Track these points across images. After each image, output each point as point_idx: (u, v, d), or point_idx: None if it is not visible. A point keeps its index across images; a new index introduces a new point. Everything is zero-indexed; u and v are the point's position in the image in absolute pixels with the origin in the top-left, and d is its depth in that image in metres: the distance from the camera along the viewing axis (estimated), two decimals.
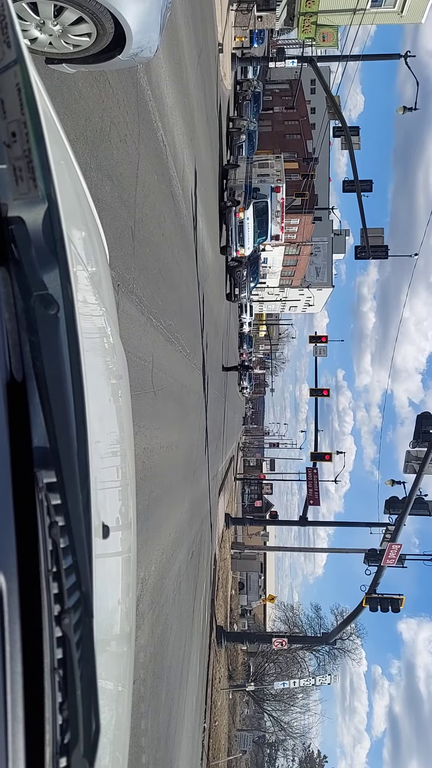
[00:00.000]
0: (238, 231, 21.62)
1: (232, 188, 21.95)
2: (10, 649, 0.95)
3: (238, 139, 28.49)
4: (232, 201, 21.58)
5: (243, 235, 21.74)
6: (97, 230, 2.05)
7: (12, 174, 1.11)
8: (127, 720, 1.89)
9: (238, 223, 21.47)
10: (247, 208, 21.31)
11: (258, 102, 33.50)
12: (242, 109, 31.21)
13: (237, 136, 28.32)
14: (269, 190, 24.47)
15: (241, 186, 21.64)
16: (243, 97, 31.59)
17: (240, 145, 28.82)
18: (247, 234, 21.82)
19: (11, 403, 1.06)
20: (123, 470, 1.95)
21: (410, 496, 17.71)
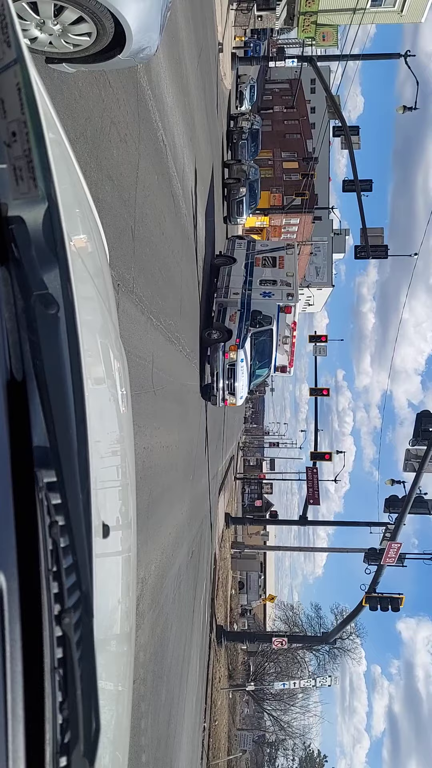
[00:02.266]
0: (227, 375, 15.26)
1: (221, 306, 16.20)
2: (10, 648, 0.95)
3: (237, 193, 24.65)
4: (220, 331, 15.26)
5: (234, 382, 15.33)
6: (98, 230, 2.05)
7: (12, 174, 1.11)
8: (127, 719, 1.89)
9: (227, 366, 15.20)
10: (241, 345, 15.15)
11: (257, 140, 28.26)
12: (237, 149, 26.80)
13: (235, 189, 24.40)
14: (276, 309, 16.45)
15: (236, 303, 15.99)
16: (238, 135, 26.89)
17: (239, 200, 24.95)
18: (240, 380, 15.39)
19: (11, 402, 1.06)
20: (123, 470, 1.95)
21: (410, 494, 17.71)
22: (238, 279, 16.78)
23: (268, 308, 16.36)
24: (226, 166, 24.70)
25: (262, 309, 16.24)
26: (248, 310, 15.95)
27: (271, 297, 16.58)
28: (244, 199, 25.03)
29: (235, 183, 24.62)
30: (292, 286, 17.01)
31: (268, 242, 20.11)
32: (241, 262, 17.42)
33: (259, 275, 17.01)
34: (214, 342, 15.32)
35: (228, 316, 15.86)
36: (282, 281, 17.04)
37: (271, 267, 17.56)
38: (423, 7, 31.41)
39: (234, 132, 27.08)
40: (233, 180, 24.78)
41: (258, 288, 16.64)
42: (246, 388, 16.39)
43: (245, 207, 25.24)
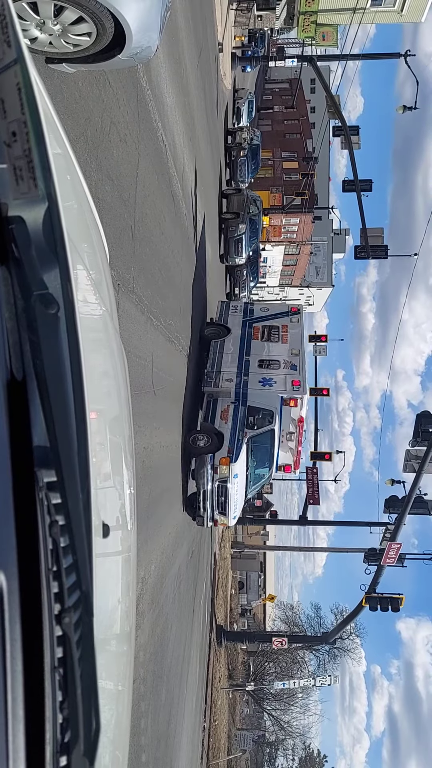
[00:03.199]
0: (216, 494, 11.97)
1: (211, 397, 13.26)
2: (10, 647, 0.95)
3: (235, 230, 21.60)
4: (208, 435, 12.19)
5: (226, 501, 12.01)
6: (97, 230, 2.05)
7: (12, 173, 1.11)
8: (127, 719, 1.89)
9: (216, 482, 11.90)
10: (235, 458, 11.87)
11: (257, 156, 25.92)
12: (236, 168, 24.67)
13: (233, 227, 21.45)
14: (278, 402, 13.20)
15: (228, 394, 13.09)
16: (237, 152, 24.65)
17: (238, 238, 21.76)
18: (231, 499, 12.06)
19: (11, 402, 1.06)
20: (123, 469, 1.95)
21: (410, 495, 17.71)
22: (231, 359, 13.92)
23: (268, 400, 13.03)
24: (224, 196, 22.21)
25: (262, 402, 13.00)
26: (244, 403, 12.93)
27: (272, 386, 13.34)
28: (244, 237, 21.72)
29: (233, 218, 21.62)
30: (298, 369, 13.83)
31: (268, 306, 16.39)
32: (236, 333, 14.69)
33: (258, 352, 14.13)
34: (200, 452, 11.89)
35: (219, 412, 12.84)
36: (286, 362, 13.95)
37: (272, 341, 14.57)
38: (423, 7, 31.42)
39: (232, 148, 24.82)
40: (231, 215, 21.76)
41: (257, 372, 13.67)
42: (242, 504, 13.04)
43: (245, 246, 22.08)
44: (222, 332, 14.67)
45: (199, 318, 14.53)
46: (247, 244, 22.20)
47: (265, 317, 15.37)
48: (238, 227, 21.59)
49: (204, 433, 12.25)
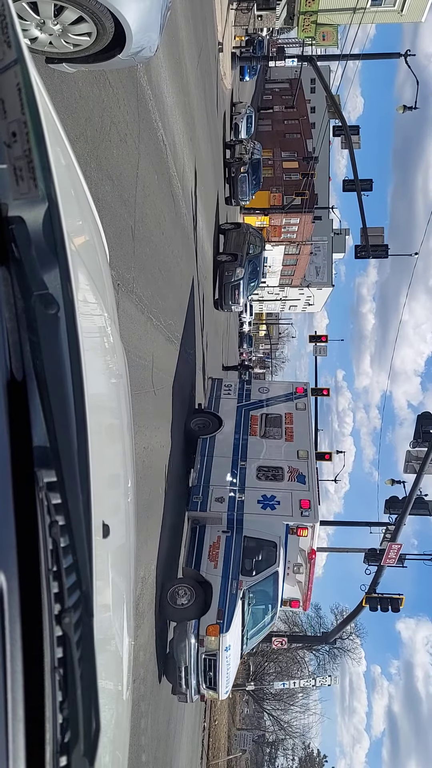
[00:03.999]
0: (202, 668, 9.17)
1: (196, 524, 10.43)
2: (10, 647, 0.95)
3: (232, 275, 18.57)
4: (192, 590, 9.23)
5: (215, 675, 9.18)
6: (98, 230, 2.05)
7: (12, 174, 1.11)
8: (127, 719, 1.89)
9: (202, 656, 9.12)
10: (227, 626, 9.04)
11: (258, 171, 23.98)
12: (237, 185, 22.81)
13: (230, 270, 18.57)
14: (283, 530, 10.37)
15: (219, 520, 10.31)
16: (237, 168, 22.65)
17: (235, 284, 18.67)
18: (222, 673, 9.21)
19: (11, 402, 1.06)
20: (123, 469, 1.95)
21: (410, 495, 17.70)
22: (223, 468, 11.05)
23: (270, 528, 10.10)
24: (222, 232, 19.93)
25: (262, 530, 10.09)
26: (239, 530, 10.03)
27: (275, 508, 10.38)
28: (242, 284, 18.85)
29: (230, 260, 18.75)
30: (308, 481, 11.02)
31: (267, 385, 13.74)
32: (229, 426, 12.00)
33: (256, 455, 11.44)
34: (180, 616, 9.06)
35: (206, 547, 9.96)
36: (291, 470, 11.14)
37: (273, 438, 11.86)
38: (423, 7, 31.42)
39: (232, 164, 22.79)
40: (228, 256, 18.85)
41: (255, 487, 10.77)
42: (235, 672, 10.25)
43: (242, 291, 19.07)
44: (212, 424, 11.91)
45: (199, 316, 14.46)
46: (245, 289, 19.20)
47: (265, 402, 12.83)
48: (236, 272, 18.58)
49: (186, 585, 9.28)
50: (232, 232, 19.86)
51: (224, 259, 18.81)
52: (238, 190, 23.05)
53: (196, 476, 10.98)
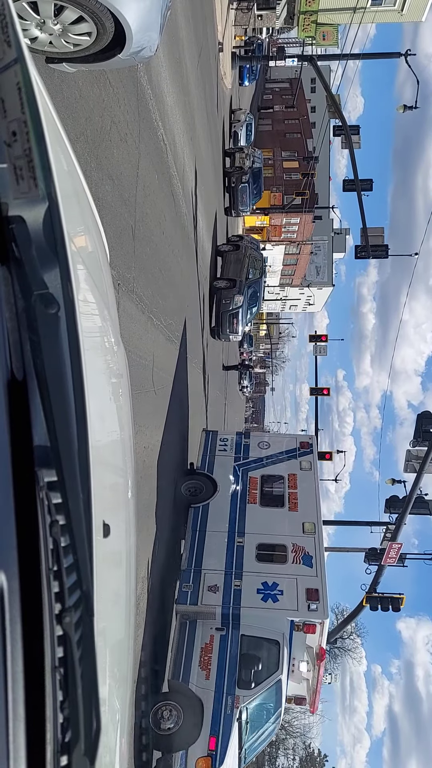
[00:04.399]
0: None
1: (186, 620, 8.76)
2: (11, 647, 0.95)
3: (230, 303, 16.99)
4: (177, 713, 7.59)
5: None
6: (98, 229, 2.04)
7: (13, 173, 1.11)
8: (127, 718, 1.89)
9: None
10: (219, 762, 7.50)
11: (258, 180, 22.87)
12: (236, 195, 21.86)
13: (228, 299, 16.89)
14: (287, 626, 8.69)
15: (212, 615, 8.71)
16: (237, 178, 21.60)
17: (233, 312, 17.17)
18: None
19: (12, 401, 1.06)
20: (123, 469, 1.95)
21: (411, 495, 17.70)
22: (217, 547, 9.54)
23: (272, 624, 8.58)
24: (220, 254, 18.63)
25: (262, 629, 8.58)
26: (236, 626, 8.56)
27: (277, 600, 8.80)
28: (240, 312, 17.37)
29: (228, 287, 17.16)
30: (315, 563, 9.43)
31: (268, 439, 11.94)
32: (224, 492, 10.49)
33: (256, 528, 9.88)
34: (165, 746, 7.54)
35: (197, 650, 8.41)
36: (297, 549, 9.56)
37: (275, 506, 10.38)
38: (423, 6, 31.41)
39: (232, 173, 21.74)
40: (226, 282, 17.30)
41: (254, 572, 9.15)
42: None
43: (242, 319, 17.65)
44: (206, 489, 10.47)
45: (200, 316, 14.40)
46: (243, 316, 17.67)
47: (265, 460, 11.24)
48: (234, 300, 17.02)
49: (171, 704, 7.68)
50: (231, 254, 18.55)
51: (222, 286, 17.28)
52: (238, 201, 22.00)
53: (186, 556, 9.43)
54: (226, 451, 11.54)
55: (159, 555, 8.73)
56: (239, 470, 11.01)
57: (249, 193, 21.86)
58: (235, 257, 18.38)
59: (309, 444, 11.55)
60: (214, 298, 17.13)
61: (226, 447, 11.66)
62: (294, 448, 11.48)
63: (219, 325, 17.48)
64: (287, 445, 11.64)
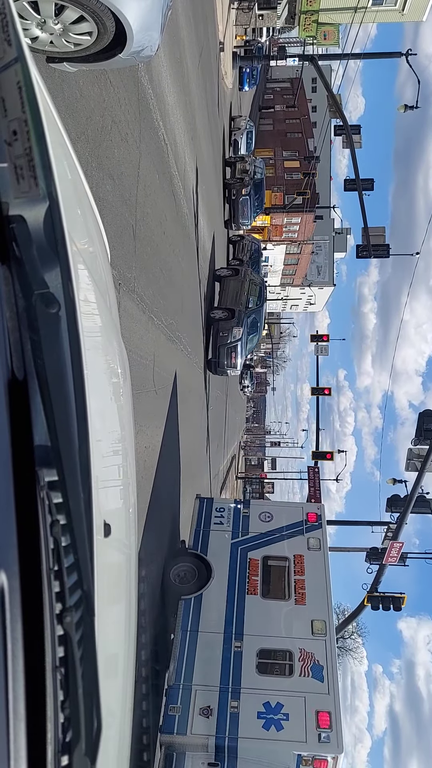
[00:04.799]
0: None
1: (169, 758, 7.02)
2: (12, 647, 0.95)
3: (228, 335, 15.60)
4: None
5: None
6: (99, 229, 2.04)
7: (13, 172, 1.11)
8: (129, 718, 1.89)
9: None
10: None
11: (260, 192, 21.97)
12: (237, 208, 20.89)
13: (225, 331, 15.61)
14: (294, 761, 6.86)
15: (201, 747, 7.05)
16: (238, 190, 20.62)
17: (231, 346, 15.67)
18: None
19: (13, 401, 1.06)
20: (124, 468, 1.95)
21: (412, 494, 17.69)
22: (211, 650, 7.96)
23: (274, 757, 7.22)
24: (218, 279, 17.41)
25: (263, 763, 7.22)
26: (233, 764, 7.15)
27: (281, 728, 7.33)
28: (239, 345, 15.89)
29: (226, 318, 15.84)
30: (326, 676, 7.95)
31: (270, 510, 10.37)
32: (221, 579, 8.92)
33: (256, 627, 8.35)
34: None
35: None
36: (304, 655, 8.05)
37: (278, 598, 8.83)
38: (424, 6, 31.39)
39: (232, 185, 20.71)
40: (224, 312, 15.95)
41: (254, 688, 7.63)
42: None
43: (241, 352, 16.04)
44: (198, 575, 8.96)
45: (200, 316, 14.37)
46: (243, 349, 16.22)
47: (267, 536, 9.64)
48: (232, 332, 15.61)
49: None
50: (230, 280, 17.17)
51: (219, 316, 15.82)
52: (239, 213, 20.98)
53: (174, 668, 7.69)
54: (223, 524, 9.87)
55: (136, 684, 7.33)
56: (238, 550, 9.37)
57: (250, 206, 20.96)
58: (235, 284, 17.13)
59: (317, 516, 10.00)
60: (210, 329, 15.87)
61: (223, 519, 9.97)
62: (300, 520, 9.88)
63: (216, 359, 16.07)
64: (292, 516, 10.04)
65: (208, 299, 15.33)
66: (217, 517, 10.00)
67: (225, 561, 9.18)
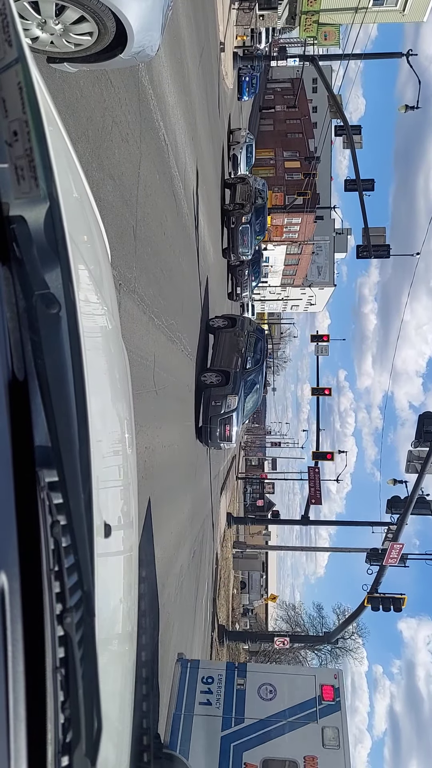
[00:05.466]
0: None
1: None
2: (12, 648, 0.95)
3: (222, 405, 13.37)
4: None
5: None
6: (99, 229, 2.05)
7: (14, 173, 1.11)
8: (129, 719, 1.89)
9: None
10: None
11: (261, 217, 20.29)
12: (236, 238, 19.18)
13: (219, 399, 13.39)
14: None
15: None
16: (237, 218, 18.98)
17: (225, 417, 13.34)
18: None
19: (13, 402, 1.06)
20: (125, 469, 1.95)
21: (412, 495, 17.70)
22: None
23: None
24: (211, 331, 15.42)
25: None
26: None
27: None
28: (234, 416, 13.71)
29: (219, 382, 13.67)
30: None
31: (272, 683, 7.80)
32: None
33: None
34: None
35: None
36: None
37: None
38: (425, 6, 31.41)
39: (232, 212, 19.02)
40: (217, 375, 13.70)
41: None
42: None
43: (236, 423, 13.88)
44: None
45: (201, 316, 14.36)
46: (238, 419, 14.02)
47: (269, 725, 7.33)
48: (226, 401, 13.31)
49: None
50: (225, 333, 14.97)
51: (211, 381, 13.71)
52: (238, 243, 19.17)
53: None
54: (211, 705, 7.51)
55: None
56: (230, 748, 7.09)
57: (251, 235, 19.22)
58: (230, 338, 15.03)
59: (334, 690, 7.58)
60: (202, 395, 13.81)
61: (211, 697, 7.60)
62: (312, 698, 7.52)
63: (208, 429, 13.74)
64: (302, 691, 7.63)
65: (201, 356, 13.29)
66: (203, 692, 7.65)
67: (214, 760, 6.97)
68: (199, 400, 13.82)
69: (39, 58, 3.36)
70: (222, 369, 14.11)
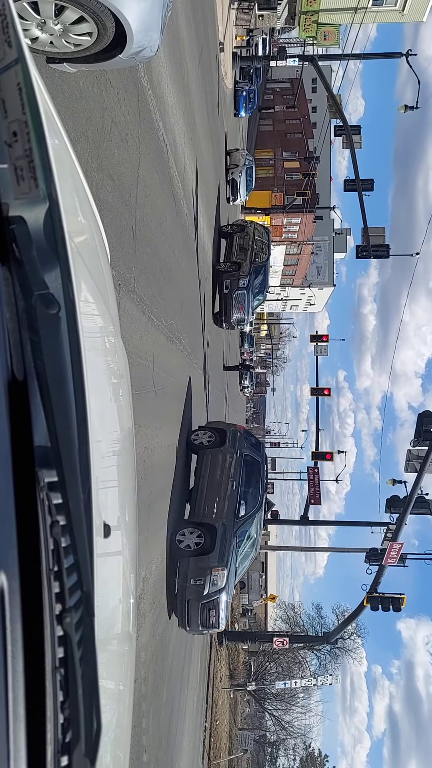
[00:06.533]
0: None
1: None
2: (11, 648, 0.95)
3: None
4: None
5: None
6: (98, 229, 2.05)
7: (13, 173, 1.11)
8: (128, 719, 1.89)
9: None
10: None
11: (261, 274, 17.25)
12: (230, 303, 16.30)
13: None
14: None
15: None
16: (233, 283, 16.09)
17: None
18: None
19: (12, 402, 1.06)
20: (124, 469, 1.95)
21: (411, 495, 17.70)
22: None
23: None
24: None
25: None
26: None
27: None
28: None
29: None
30: None
31: None
32: None
33: None
34: None
35: None
36: None
37: None
38: (424, 6, 31.42)
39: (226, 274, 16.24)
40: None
41: None
42: None
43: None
44: None
45: (200, 316, 14.32)
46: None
47: None
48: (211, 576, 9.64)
49: None
50: (210, 454, 11.43)
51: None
52: (233, 310, 16.34)
53: None
54: None
55: None
56: None
57: (248, 301, 16.37)
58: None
59: None
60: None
61: None
62: None
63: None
64: None
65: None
66: None
67: None
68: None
69: (38, 59, 3.36)
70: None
